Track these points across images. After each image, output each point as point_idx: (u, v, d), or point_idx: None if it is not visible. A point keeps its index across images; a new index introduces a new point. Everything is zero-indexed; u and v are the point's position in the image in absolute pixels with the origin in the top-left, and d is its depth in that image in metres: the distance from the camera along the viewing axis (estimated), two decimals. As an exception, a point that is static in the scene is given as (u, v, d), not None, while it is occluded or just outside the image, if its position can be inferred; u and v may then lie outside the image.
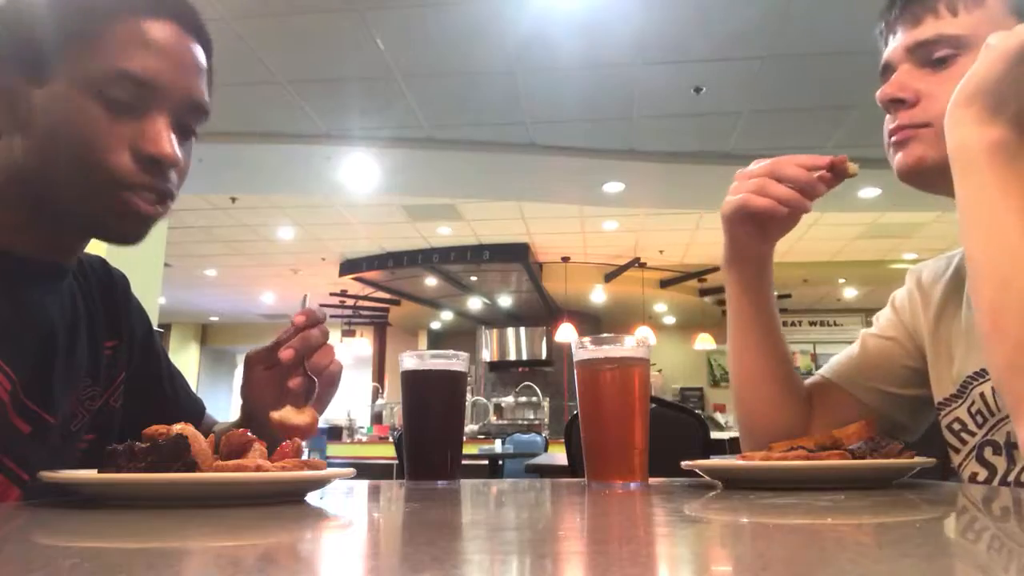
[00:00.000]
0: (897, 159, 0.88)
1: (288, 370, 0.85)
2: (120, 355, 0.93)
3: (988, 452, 0.87)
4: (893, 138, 0.88)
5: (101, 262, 0.97)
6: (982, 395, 0.88)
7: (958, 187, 0.73)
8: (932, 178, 0.84)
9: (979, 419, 0.89)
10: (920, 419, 1.03)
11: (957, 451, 0.92)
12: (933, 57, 0.85)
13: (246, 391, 0.93)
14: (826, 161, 0.87)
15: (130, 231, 0.80)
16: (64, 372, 0.82)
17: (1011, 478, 0.84)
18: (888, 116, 0.90)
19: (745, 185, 0.90)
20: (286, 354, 0.84)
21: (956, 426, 0.92)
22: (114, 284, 0.96)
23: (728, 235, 0.96)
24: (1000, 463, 0.86)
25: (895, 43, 0.89)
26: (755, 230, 0.94)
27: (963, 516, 0.64)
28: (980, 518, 0.63)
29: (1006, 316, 0.68)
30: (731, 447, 4.21)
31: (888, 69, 0.90)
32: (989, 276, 0.70)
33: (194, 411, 1.05)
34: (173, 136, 0.78)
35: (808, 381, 1.07)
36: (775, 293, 1.01)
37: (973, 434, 0.90)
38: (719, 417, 9.25)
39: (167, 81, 0.77)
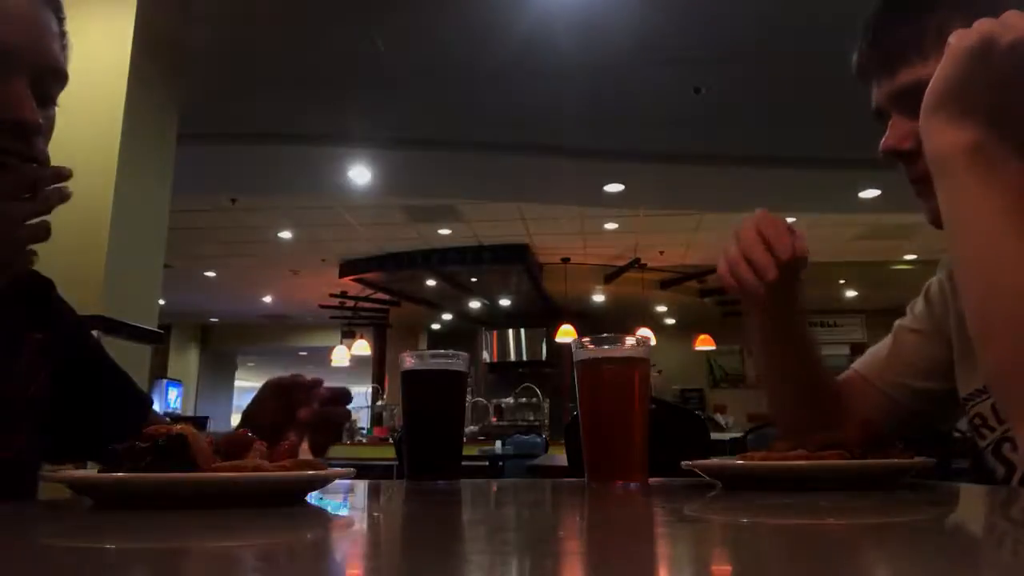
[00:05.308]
0: (925, 212, 0.87)
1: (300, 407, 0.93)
2: (45, 349, 0.92)
3: (1007, 448, 0.87)
4: (915, 188, 0.86)
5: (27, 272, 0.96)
6: None
7: (939, 193, 0.72)
8: None
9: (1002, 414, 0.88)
10: (950, 411, 1.01)
11: (979, 446, 0.92)
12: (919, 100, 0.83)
13: (251, 409, 0.98)
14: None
15: None
16: None
17: None
18: (901, 166, 0.88)
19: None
20: (304, 414, 0.92)
21: (977, 421, 0.92)
22: (38, 286, 0.95)
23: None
24: (1020, 461, 0.85)
25: (878, 90, 0.88)
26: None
27: (963, 517, 0.64)
28: (980, 519, 0.63)
29: (994, 320, 0.67)
30: (731, 447, 4.20)
31: (881, 114, 0.89)
32: (975, 280, 0.69)
33: (139, 403, 1.05)
34: (33, 101, 0.76)
35: (841, 376, 1.07)
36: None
37: (993, 429, 0.89)
38: (719, 417, 9.24)
39: (22, 47, 0.76)
